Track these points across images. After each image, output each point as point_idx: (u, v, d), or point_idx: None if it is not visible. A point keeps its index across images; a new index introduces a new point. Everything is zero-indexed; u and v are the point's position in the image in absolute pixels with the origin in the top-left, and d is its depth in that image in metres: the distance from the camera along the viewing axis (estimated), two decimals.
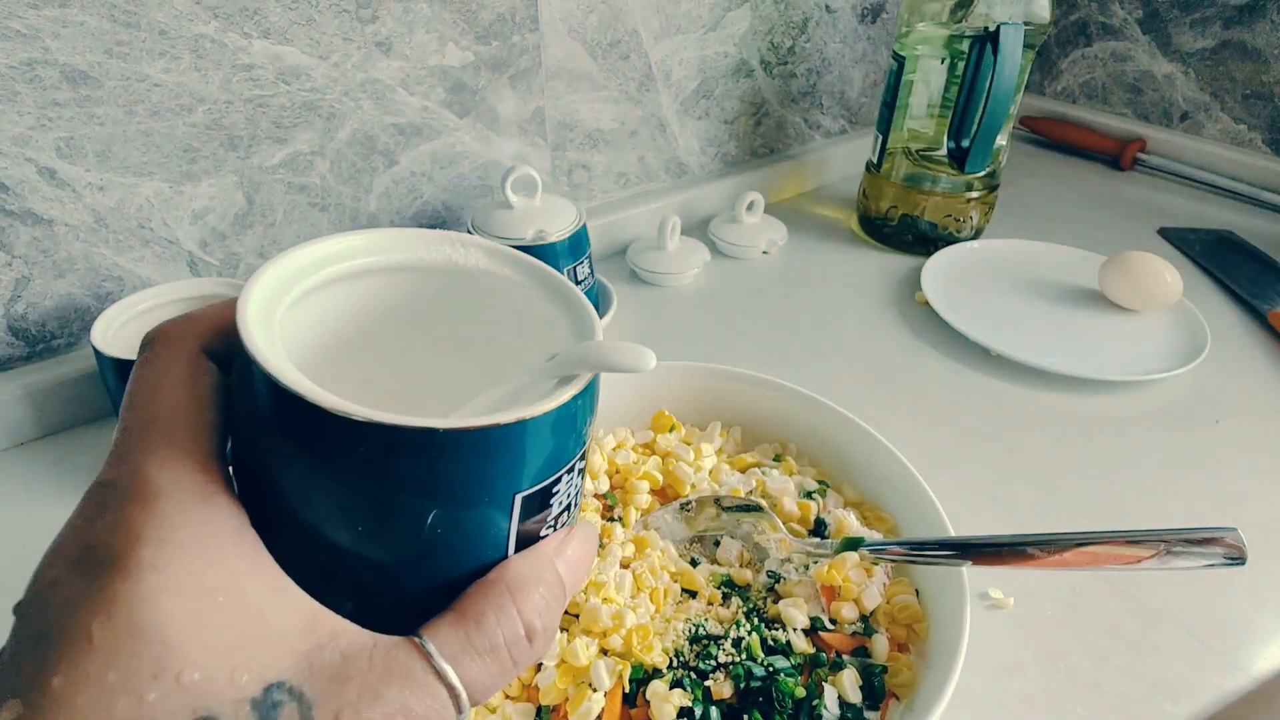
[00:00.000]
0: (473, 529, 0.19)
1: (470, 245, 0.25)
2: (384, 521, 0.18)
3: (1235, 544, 0.30)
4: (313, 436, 0.18)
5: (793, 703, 0.34)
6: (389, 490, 0.18)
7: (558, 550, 0.21)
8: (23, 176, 0.50)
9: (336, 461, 0.18)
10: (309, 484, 0.18)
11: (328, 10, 0.55)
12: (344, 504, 0.18)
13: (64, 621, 0.15)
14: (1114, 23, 0.96)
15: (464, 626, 0.18)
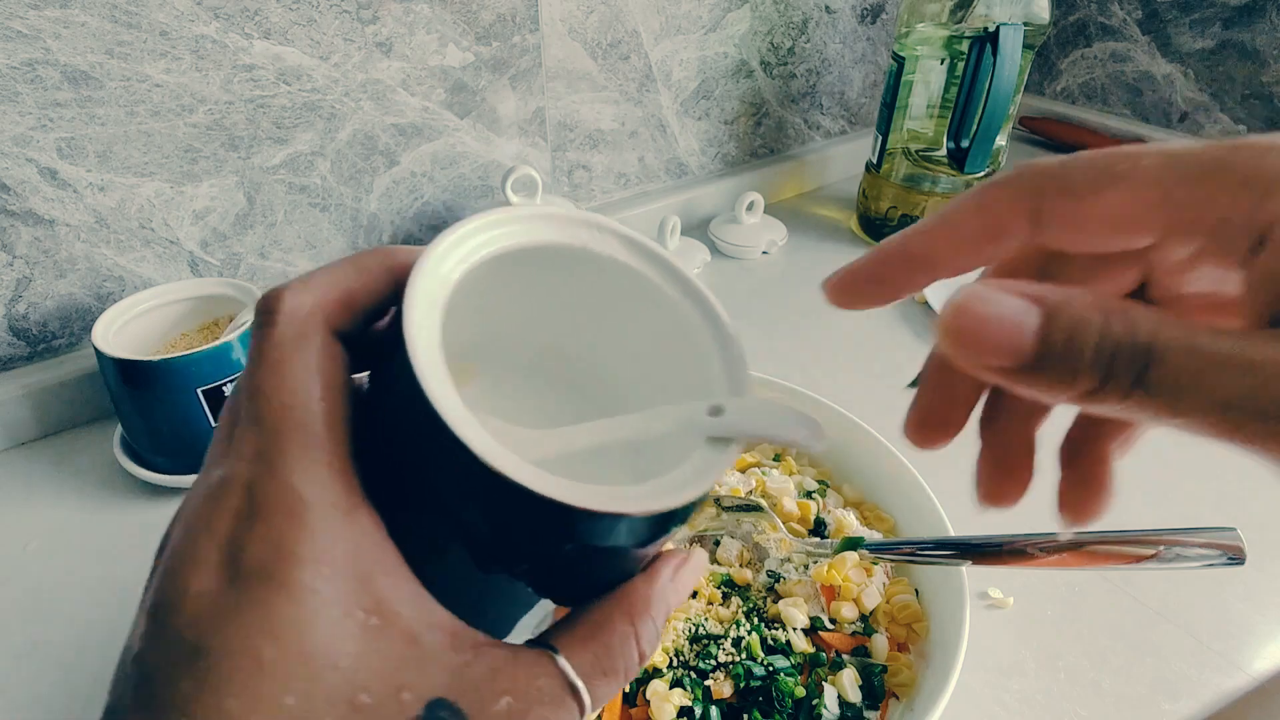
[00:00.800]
0: (623, 563, 0.20)
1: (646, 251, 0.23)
2: (541, 559, 0.19)
3: (1234, 544, 0.30)
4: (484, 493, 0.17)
5: (792, 702, 0.34)
6: (559, 542, 0.18)
7: (673, 575, 0.21)
8: (24, 177, 0.50)
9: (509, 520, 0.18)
10: (467, 519, 0.18)
11: (328, 11, 0.55)
12: (503, 546, 0.18)
13: (226, 640, 0.15)
14: (1113, 23, 0.96)
15: (594, 646, 0.19)
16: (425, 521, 0.18)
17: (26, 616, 0.42)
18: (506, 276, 0.22)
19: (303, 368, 0.17)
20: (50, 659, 0.40)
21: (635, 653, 0.20)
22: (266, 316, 0.18)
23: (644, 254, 0.23)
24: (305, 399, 0.17)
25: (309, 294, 0.18)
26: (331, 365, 0.18)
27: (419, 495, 0.18)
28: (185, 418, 0.47)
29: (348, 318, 0.19)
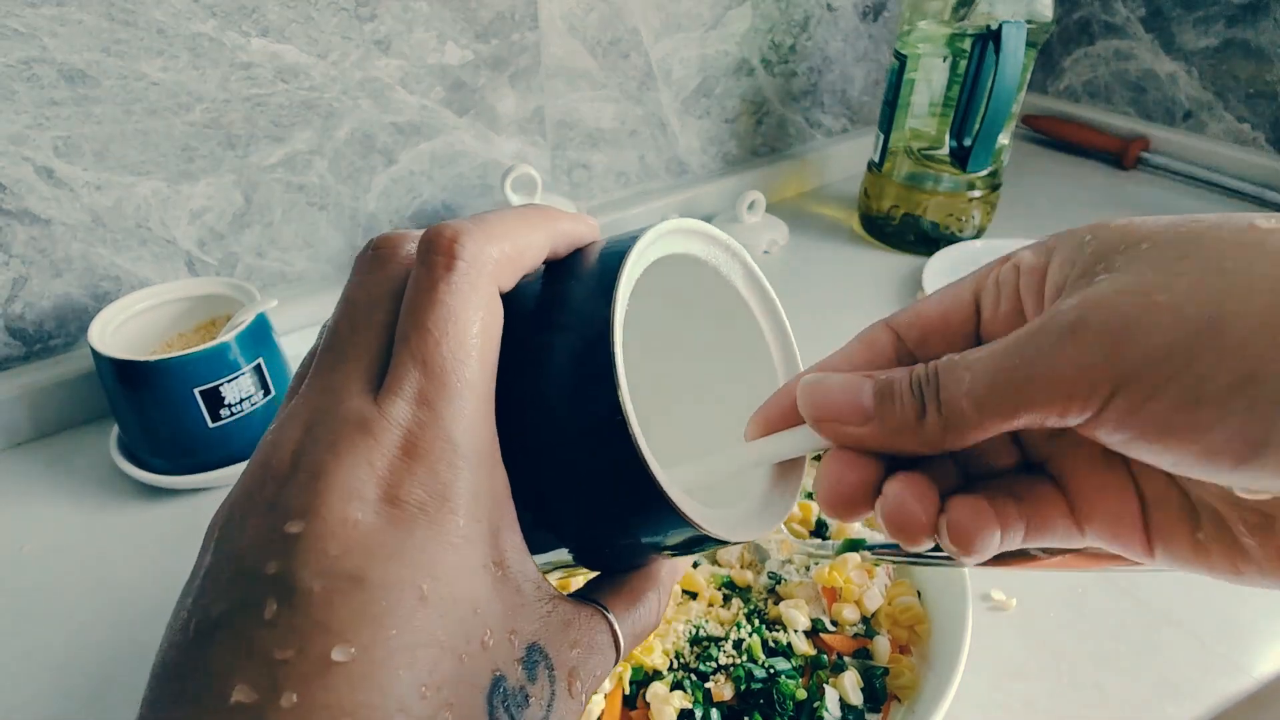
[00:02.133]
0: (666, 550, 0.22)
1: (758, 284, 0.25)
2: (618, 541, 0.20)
3: None
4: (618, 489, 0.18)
5: (794, 705, 0.34)
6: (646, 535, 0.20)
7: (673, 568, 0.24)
8: (20, 176, 0.50)
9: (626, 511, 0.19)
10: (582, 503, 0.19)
11: (326, 9, 0.55)
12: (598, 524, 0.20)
13: (388, 573, 0.15)
14: (1117, 21, 0.96)
15: (634, 608, 0.21)
16: (540, 487, 0.19)
17: (22, 618, 0.42)
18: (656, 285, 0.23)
19: (476, 319, 0.18)
20: (46, 660, 0.40)
21: (655, 614, 0.22)
22: (447, 259, 0.18)
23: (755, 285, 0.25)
24: (471, 350, 0.17)
25: (493, 245, 0.18)
26: (496, 321, 0.18)
27: (543, 462, 0.19)
28: (182, 418, 0.47)
29: (512, 275, 0.19)
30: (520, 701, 0.17)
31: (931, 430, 0.17)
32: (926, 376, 0.18)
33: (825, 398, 0.19)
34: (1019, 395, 0.16)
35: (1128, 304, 0.15)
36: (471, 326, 0.17)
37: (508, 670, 0.17)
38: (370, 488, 0.16)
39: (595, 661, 0.19)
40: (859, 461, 0.19)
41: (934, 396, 0.17)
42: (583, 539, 0.20)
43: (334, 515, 0.15)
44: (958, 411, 0.17)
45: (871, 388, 0.18)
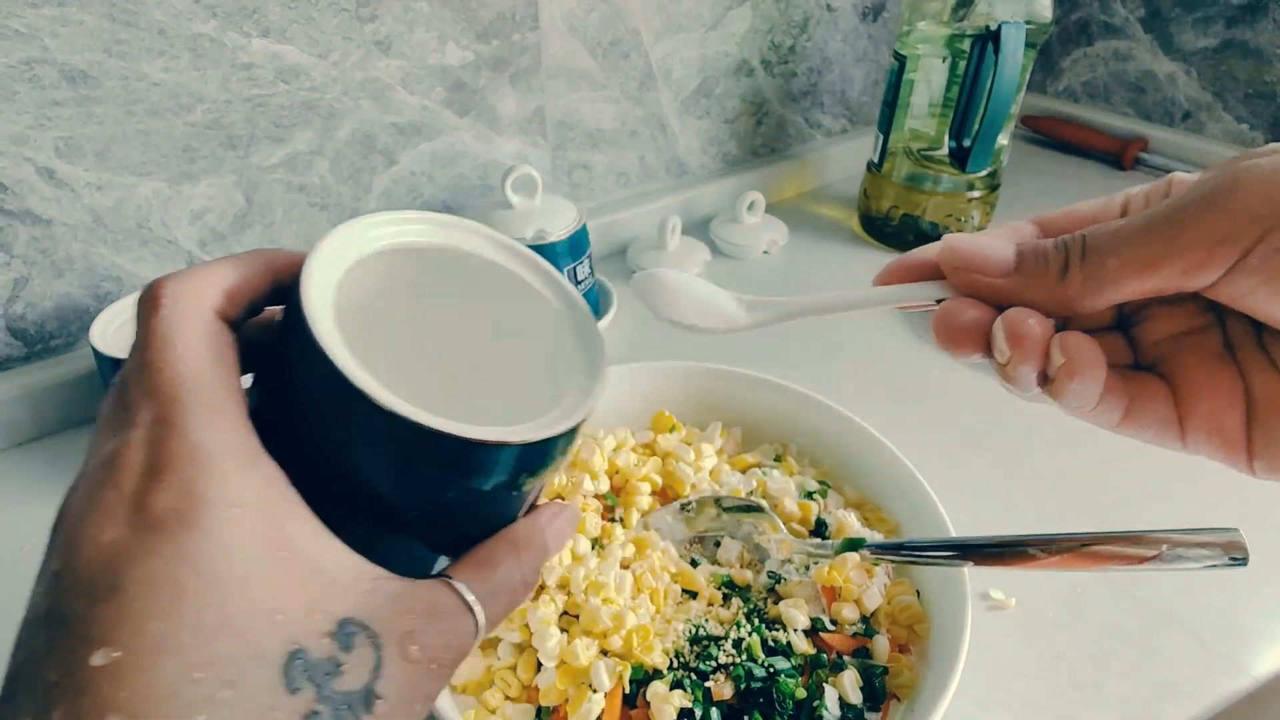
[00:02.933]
0: (504, 505, 0.23)
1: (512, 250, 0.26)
2: (435, 502, 0.21)
3: (1237, 544, 0.30)
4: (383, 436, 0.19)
5: (793, 704, 0.34)
6: (448, 482, 0.20)
7: (550, 520, 0.25)
8: (21, 176, 0.50)
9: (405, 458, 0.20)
10: (367, 469, 0.20)
11: (327, 9, 0.55)
12: (400, 490, 0.20)
13: (142, 574, 0.16)
14: (1116, 22, 0.96)
15: (483, 571, 0.22)
16: (324, 473, 0.20)
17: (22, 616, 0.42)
18: (389, 275, 0.24)
19: (194, 340, 0.19)
20: None
21: (520, 578, 0.23)
22: (152, 301, 0.19)
23: (510, 252, 0.26)
24: (197, 366, 0.18)
25: (191, 280, 0.20)
26: (219, 338, 0.19)
27: (314, 447, 0.20)
28: None
29: (229, 305, 0.20)
30: (330, 671, 0.17)
31: (1071, 285, 0.19)
32: (1073, 239, 0.19)
33: (968, 248, 0.20)
34: (1171, 243, 0.17)
35: (1270, 166, 0.17)
36: (190, 349, 0.18)
37: (310, 643, 0.17)
38: (121, 508, 0.17)
39: (440, 627, 0.20)
40: (980, 304, 0.20)
41: (1079, 254, 0.19)
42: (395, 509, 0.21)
43: (88, 542, 0.17)
44: (1101, 262, 0.18)
45: (1015, 248, 0.20)
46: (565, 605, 0.37)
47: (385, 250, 0.23)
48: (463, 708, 0.35)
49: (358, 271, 0.22)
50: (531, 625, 0.36)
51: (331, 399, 0.19)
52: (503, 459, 0.20)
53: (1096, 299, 0.19)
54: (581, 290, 0.63)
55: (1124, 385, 0.20)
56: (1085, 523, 0.48)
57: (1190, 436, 0.20)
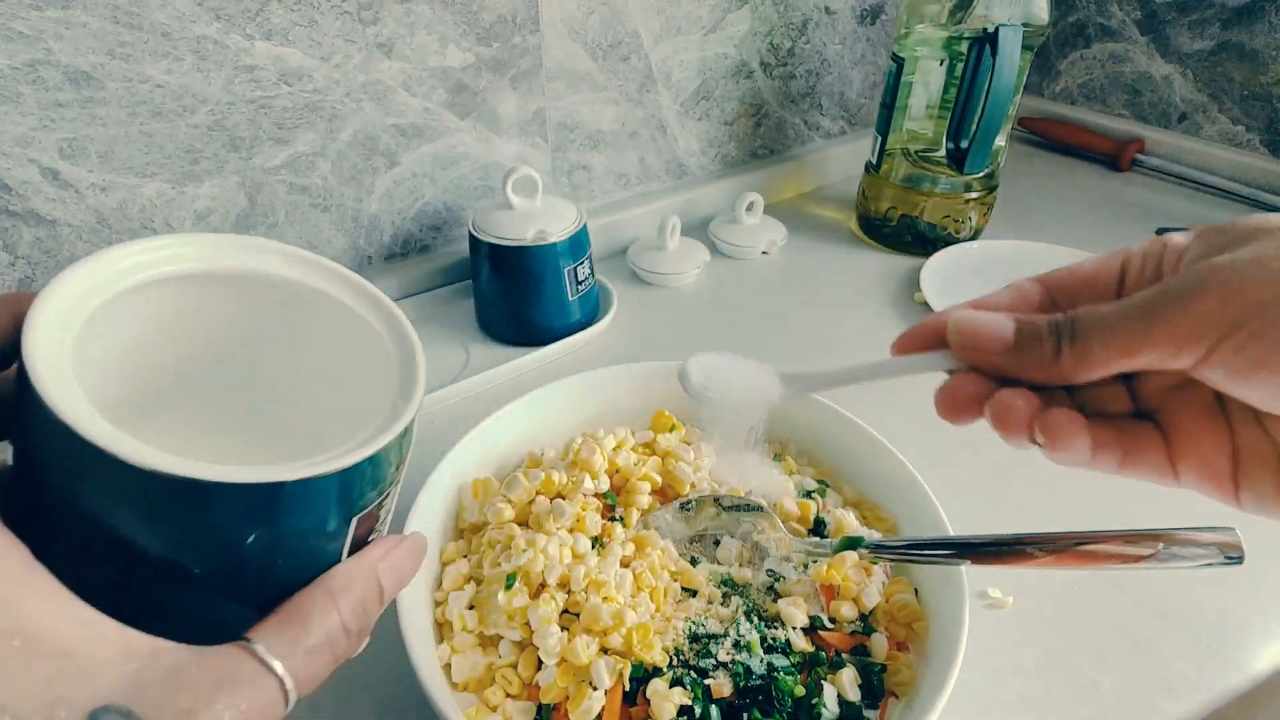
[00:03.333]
0: (310, 550, 0.20)
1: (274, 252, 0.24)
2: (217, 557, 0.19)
3: (1233, 543, 0.30)
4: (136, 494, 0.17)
5: (792, 701, 0.34)
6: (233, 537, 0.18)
7: (383, 557, 0.22)
8: (26, 177, 0.50)
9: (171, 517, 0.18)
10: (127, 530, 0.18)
11: (329, 12, 0.56)
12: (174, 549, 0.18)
13: None
14: (1112, 24, 0.96)
15: (291, 627, 0.20)
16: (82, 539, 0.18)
17: None
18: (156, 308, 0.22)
19: None
20: None
21: (338, 626, 0.20)
22: None
23: (313, 267, 0.24)
24: None
25: None
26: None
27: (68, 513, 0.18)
28: None
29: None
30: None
31: (1064, 364, 0.21)
32: (1064, 322, 0.21)
33: (973, 327, 0.22)
34: (1144, 336, 0.19)
35: (1244, 266, 0.18)
36: None
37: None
38: None
39: (231, 699, 0.18)
40: (980, 379, 0.23)
41: (1069, 337, 0.21)
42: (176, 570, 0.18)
43: None
44: (1087, 347, 0.20)
45: (1014, 325, 0.22)
46: (566, 603, 0.37)
47: (146, 282, 0.21)
48: (463, 705, 0.35)
49: (111, 311, 0.20)
50: (532, 623, 0.36)
51: (72, 459, 0.17)
52: (286, 500, 0.18)
53: (1087, 376, 0.21)
54: (582, 290, 0.63)
55: (1119, 439, 0.22)
56: (1083, 521, 0.49)
57: (1183, 478, 0.22)
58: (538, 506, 0.41)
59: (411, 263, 0.68)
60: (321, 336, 0.25)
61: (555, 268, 0.60)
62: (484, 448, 0.45)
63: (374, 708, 0.38)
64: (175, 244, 0.22)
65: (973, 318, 0.22)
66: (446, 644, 0.37)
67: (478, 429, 0.45)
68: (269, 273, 0.23)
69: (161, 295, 0.22)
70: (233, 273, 0.23)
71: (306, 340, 0.25)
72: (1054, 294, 0.24)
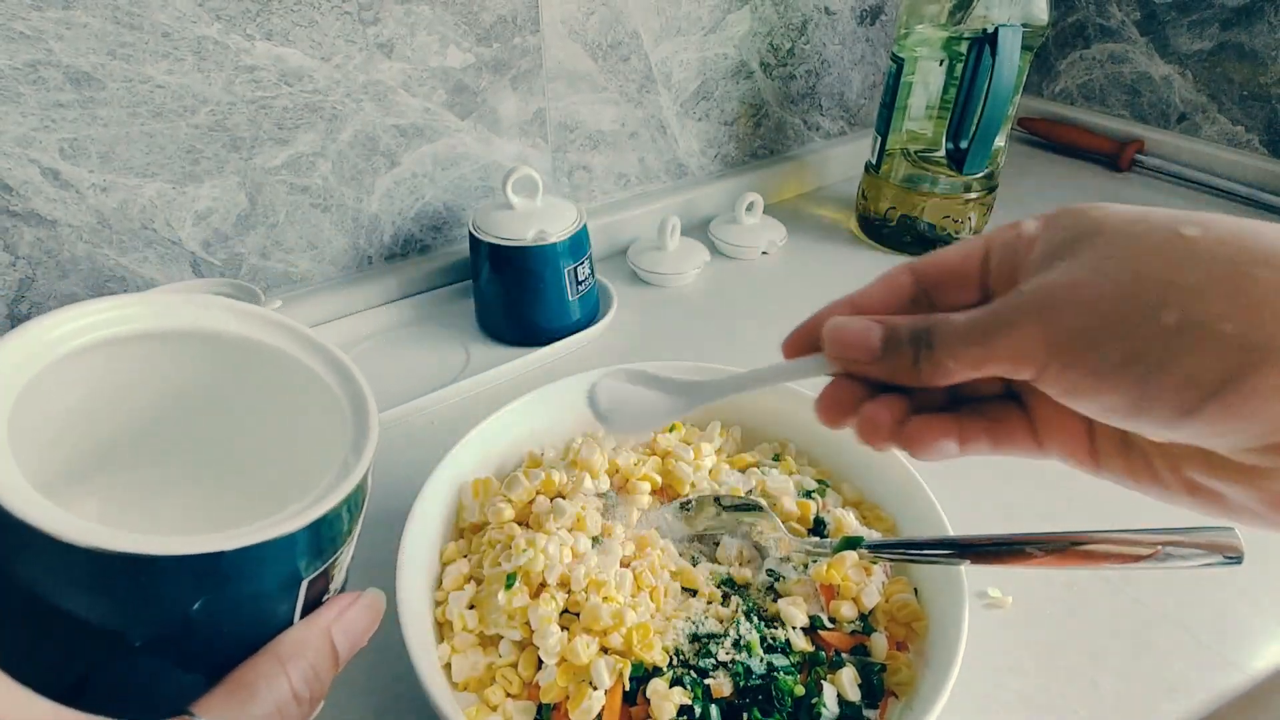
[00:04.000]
0: (257, 616, 0.20)
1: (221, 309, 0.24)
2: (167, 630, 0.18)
3: (1232, 543, 0.30)
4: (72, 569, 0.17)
5: (792, 701, 0.34)
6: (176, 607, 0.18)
7: (336, 619, 0.22)
8: (26, 177, 0.50)
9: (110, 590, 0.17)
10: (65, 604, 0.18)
11: (330, 12, 0.56)
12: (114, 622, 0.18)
13: None
14: (1112, 24, 0.96)
15: (237, 696, 0.19)
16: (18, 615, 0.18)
17: None
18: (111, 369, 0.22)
19: None
20: None
21: (287, 693, 0.20)
22: None
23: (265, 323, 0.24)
24: None
25: None
26: None
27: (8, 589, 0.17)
28: None
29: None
30: None
31: (923, 373, 0.22)
32: (921, 329, 0.23)
33: (844, 337, 0.24)
34: (984, 357, 0.21)
35: (1061, 293, 0.20)
36: None
37: None
38: None
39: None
40: (855, 385, 0.24)
41: (926, 348, 0.22)
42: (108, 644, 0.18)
43: None
44: (940, 361, 0.22)
45: (880, 334, 0.23)
46: (566, 603, 0.37)
47: (82, 348, 0.20)
48: (464, 705, 0.35)
49: (47, 380, 0.20)
50: (532, 623, 0.36)
51: (6, 536, 0.17)
52: (229, 568, 0.18)
53: (946, 382, 0.22)
54: (582, 291, 0.63)
55: (987, 427, 0.24)
56: (1082, 521, 0.49)
57: (1048, 453, 0.24)
58: (538, 506, 0.42)
59: (412, 263, 0.68)
60: (275, 391, 0.24)
61: (555, 268, 0.61)
62: (484, 448, 0.45)
63: (374, 708, 0.38)
64: (112, 306, 0.22)
65: (843, 327, 0.24)
66: (446, 644, 0.37)
67: (478, 429, 0.45)
68: (216, 330, 0.23)
69: (102, 358, 0.21)
70: (177, 331, 0.23)
71: (260, 395, 0.25)
72: (923, 284, 0.25)
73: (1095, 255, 0.20)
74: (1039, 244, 0.22)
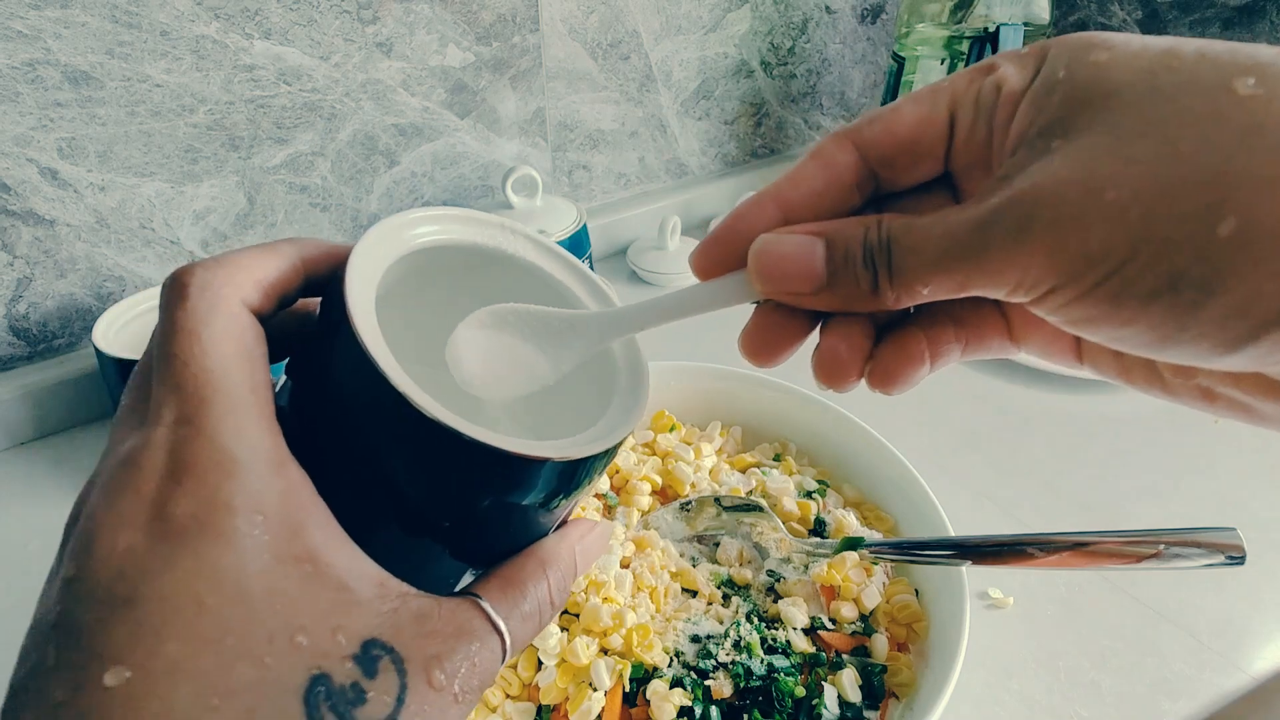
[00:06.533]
0: (533, 522, 0.22)
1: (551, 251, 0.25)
2: (467, 514, 0.20)
3: (1234, 544, 0.30)
4: (423, 446, 0.18)
5: (792, 702, 0.34)
6: (483, 494, 0.20)
7: (580, 537, 0.23)
8: (25, 177, 0.50)
9: (442, 468, 0.19)
10: (402, 478, 0.19)
11: (329, 11, 0.55)
12: (434, 500, 0.20)
13: (160, 588, 0.15)
14: (1113, 24, 0.96)
15: (511, 592, 0.21)
16: (355, 478, 0.19)
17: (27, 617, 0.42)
18: (431, 272, 0.24)
19: (222, 334, 0.18)
20: None
21: (548, 597, 0.21)
22: (178, 290, 0.18)
23: (554, 257, 0.25)
24: (225, 363, 0.17)
25: (221, 270, 0.19)
26: (249, 333, 0.18)
27: (348, 451, 0.19)
28: None
29: (259, 296, 0.19)
30: (353, 699, 0.16)
31: (884, 299, 0.18)
32: (880, 243, 0.18)
33: (778, 263, 0.19)
34: (966, 280, 0.17)
35: (1075, 199, 0.15)
36: (218, 345, 0.17)
37: (333, 668, 0.16)
38: (139, 513, 0.16)
39: (468, 650, 0.19)
40: (791, 315, 0.20)
41: (885, 268, 0.18)
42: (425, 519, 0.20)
43: (103, 549, 0.16)
44: (909, 286, 0.17)
45: (824, 253, 0.18)
46: (565, 604, 0.37)
47: (424, 249, 0.22)
48: None
49: (396, 270, 0.21)
50: None
51: (372, 404, 0.18)
52: (542, 475, 0.20)
53: (907, 304, 0.18)
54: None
55: (957, 333, 0.20)
56: (1083, 522, 0.49)
57: (1021, 349, 0.21)
58: None
59: None
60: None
61: None
62: None
63: None
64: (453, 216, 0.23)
65: (775, 248, 0.19)
66: None
67: None
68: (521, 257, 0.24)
69: (435, 261, 0.23)
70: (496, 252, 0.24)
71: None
72: (870, 161, 0.20)
73: (1115, 132, 0.15)
74: (1025, 108, 0.17)
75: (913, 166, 0.19)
